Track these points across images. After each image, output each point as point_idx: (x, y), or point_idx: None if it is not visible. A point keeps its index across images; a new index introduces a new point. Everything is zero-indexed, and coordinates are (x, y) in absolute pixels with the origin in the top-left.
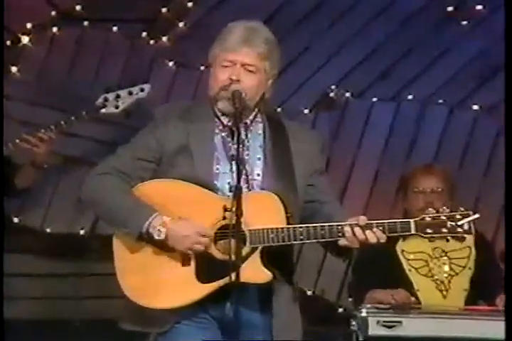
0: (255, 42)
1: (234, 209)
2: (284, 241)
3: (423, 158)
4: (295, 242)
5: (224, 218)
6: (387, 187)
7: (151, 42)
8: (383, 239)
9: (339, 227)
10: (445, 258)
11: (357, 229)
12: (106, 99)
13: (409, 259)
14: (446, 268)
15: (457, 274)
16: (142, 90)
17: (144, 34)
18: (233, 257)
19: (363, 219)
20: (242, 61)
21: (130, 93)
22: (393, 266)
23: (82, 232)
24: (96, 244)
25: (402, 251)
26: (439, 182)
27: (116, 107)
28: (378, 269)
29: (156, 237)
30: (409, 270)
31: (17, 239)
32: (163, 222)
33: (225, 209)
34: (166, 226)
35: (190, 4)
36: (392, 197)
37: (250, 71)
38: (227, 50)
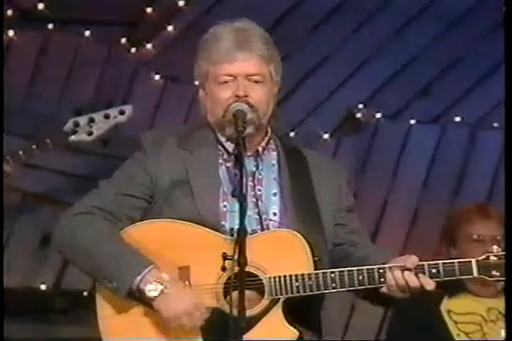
0: (253, 44)
1: (236, 257)
2: (311, 291)
3: (473, 194)
4: (326, 292)
5: (223, 269)
6: (429, 230)
7: (133, 50)
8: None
9: (381, 271)
10: (503, 321)
11: (407, 274)
12: (76, 124)
13: (457, 322)
14: (505, 333)
15: None
16: (122, 113)
17: (124, 40)
18: (246, 312)
19: (412, 261)
20: (245, 72)
21: (107, 116)
22: (438, 329)
23: (43, 287)
24: (61, 301)
25: (449, 311)
26: (500, 228)
27: (90, 134)
28: (419, 333)
29: (148, 294)
30: (458, 335)
31: None
32: (159, 278)
33: (225, 258)
34: (162, 283)
35: (181, 3)
36: (435, 242)
37: (257, 82)
38: (221, 62)
